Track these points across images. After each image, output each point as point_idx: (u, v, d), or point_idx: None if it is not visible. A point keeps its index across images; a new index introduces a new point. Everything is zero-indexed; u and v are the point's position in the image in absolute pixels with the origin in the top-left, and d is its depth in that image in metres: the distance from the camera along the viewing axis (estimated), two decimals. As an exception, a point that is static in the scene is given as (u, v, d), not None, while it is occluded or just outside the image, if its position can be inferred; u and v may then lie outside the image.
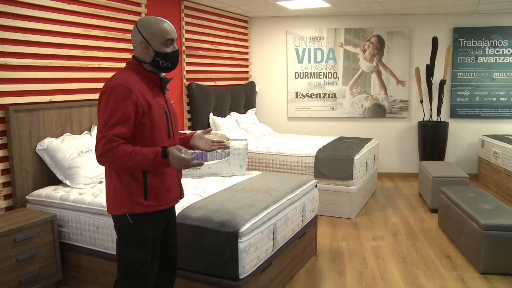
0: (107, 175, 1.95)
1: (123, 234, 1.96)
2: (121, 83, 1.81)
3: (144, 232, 1.93)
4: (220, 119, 5.33)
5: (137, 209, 1.90)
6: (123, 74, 1.87)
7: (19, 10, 3.03)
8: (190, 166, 1.84)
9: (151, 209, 1.92)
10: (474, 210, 3.36)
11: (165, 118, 1.96)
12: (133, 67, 1.92)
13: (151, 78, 1.93)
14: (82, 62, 3.57)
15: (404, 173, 6.38)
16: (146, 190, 1.90)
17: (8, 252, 2.58)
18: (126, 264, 1.96)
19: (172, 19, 4.77)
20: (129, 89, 1.80)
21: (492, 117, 6.06)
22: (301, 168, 4.58)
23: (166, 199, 1.99)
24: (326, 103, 6.39)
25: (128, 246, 1.94)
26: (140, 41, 1.89)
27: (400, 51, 6.14)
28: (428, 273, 3.20)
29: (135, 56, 1.94)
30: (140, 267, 1.94)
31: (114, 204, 1.92)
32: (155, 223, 1.98)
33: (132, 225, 1.91)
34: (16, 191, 3.04)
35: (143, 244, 1.93)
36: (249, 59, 6.52)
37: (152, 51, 1.89)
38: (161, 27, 1.89)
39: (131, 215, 1.90)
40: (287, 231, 2.91)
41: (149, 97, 1.88)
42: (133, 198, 1.88)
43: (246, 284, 2.44)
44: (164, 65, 1.92)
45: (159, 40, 1.88)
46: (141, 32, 1.89)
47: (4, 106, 2.95)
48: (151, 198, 1.91)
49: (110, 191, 1.94)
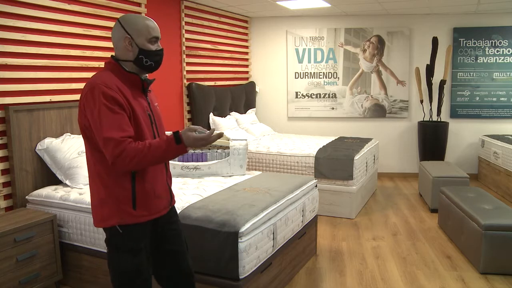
0: (91, 183, 1.82)
1: (112, 245, 1.83)
2: (102, 83, 1.69)
3: (135, 242, 1.82)
4: (220, 119, 5.33)
5: (126, 220, 1.78)
6: (102, 74, 1.76)
7: (19, 10, 3.03)
8: (212, 141, 1.71)
9: (142, 219, 1.80)
10: (474, 210, 3.36)
11: (149, 121, 1.84)
12: (112, 68, 1.80)
13: (131, 79, 1.80)
14: (82, 62, 3.57)
15: (404, 173, 6.38)
16: (135, 198, 1.78)
17: (8, 252, 2.58)
18: (120, 274, 1.84)
19: (172, 19, 4.77)
20: (111, 89, 1.69)
21: (492, 117, 6.06)
22: (301, 168, 4.58)
23: (156, 208, 1.86)
24: (326, 103, 6.39)
25: (120, 256, 1.82)
26: (124, 37, 1.78)
27: (400, 51, 6.14)
28: (428, 273, 3.20)
29: (113, 56, 1.83)
30: (136, 276, 1.83)
31: (101, 216, 1.80)
32: (146, 232, 1.86)
33: (123, 235, 1.80)
34: (16, 191, 3.04)
35: (135, 252, 1.82)
36: (249, 59, 6.52)
37: (136, 47, 1.78)
38: (147, 24, 1.80)
39: (120, 226, 1.78)
40: (287, 231, 2.91)
41: (131, 100, 1.76)
42: (121, 208, 1.76)
43: (246, 284, 2.44)
44: (148, 63, 1.81)
45: (145, 36, 1.78)
46: (125, 28, 1.78)
47: (4, 106, 2.95)
48: (140, 207, 1.79)
49: (95, 202, 1.81)
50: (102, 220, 1.81)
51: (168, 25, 4.69)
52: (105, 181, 1.77)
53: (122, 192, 1.76)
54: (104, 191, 1.77)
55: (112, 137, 1.64)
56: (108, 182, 1.76)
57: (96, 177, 1.79)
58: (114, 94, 1.69)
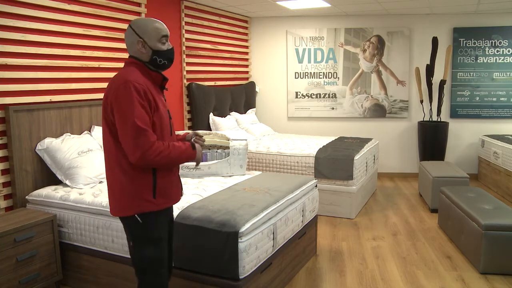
0: (109, 172, 1.91)
1: (135, 236, 1.93)
2: (134, 80, 1.81)
3: (156, 231, 1.93)
4: (220, 119, 5.33)
5: (147, 208, 1.87)
6: (132, 73, 1.86)
7: (19, 10, 3.03)
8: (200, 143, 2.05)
9: (162, 206, 1.92)
10: (474, 210, 3.36)
11: (167, 116, 1.99)
12: (138, 66, 1.92)
13: (153, 77, 1.95)
14: (82, 62, 3.57)
15: (404, 173, 6.38)
16: (156, 187, 1.89)
17: (8, 252, 2.58)
18: (144, 264, 1.93)
19: (172, 19, 4.77)
20: (143, 86, 1.82)
21: (492, 117, 6.06)
22: (301, 168, 4.58)
23: (174, 196, 2.01)
24: (326, 103, 6.39)
25: (143, 248, 1.92)
26: (137, 41, 1.90)
27: (400, 51, 6.14)
28: (428, 273, 3.20)
29: (133, 56, 1.94)
30: (159, 265, 1.94)
31: (121, 204, 1.88)
32: (164, 221, 1.98)
33: (143, 225, 1.89)
34: (16, 191, 3.04)
35: (157, 242, 1.93)
36: (249, 59, 6.52)
37: (149, 49, 1.91)
38: (156, 26, 1.93)
39: (140, 215, 1.88)
40: (287, 231, 2.91)
41: (156, 96, 1.90)
42: (142, 196, 1.86)
43: (246, 284, 2.44)
44: (161, 62, 1.94)
45: (155, 37, 1.91)
46: (137, 32, 1.91)
47: (4, 106, 2.95)
48: (159, 195, 1.91)
49: (115, 190, 1.90)
50: (122, 209, 1.90)
51: (168, 25, 4.62)
52: (128, 171, 1.86)
53: (143, 180, 1.87)
54: (125, 179, 1.86)
55: (146, 128, 1.78)
56: (131, 172, 1.86)
57: (117, 169, 1.87)
58: (146, 90, 1.83)
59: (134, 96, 1.78)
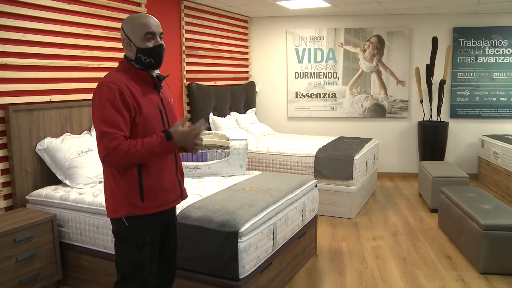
0: (105, 176, 1.92)
1: (120, 237, 1.92)
2: (110, 81, 1.78)
3: (141, 235, 1.89)
4: (220, 119, 5.33)
5: (134, 211, 1.85)
6: (112, 74, 1.84)
7: (19, 10, 3.03)
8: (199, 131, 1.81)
9: (149, 211, 1.88)
10: (474, 210, 3.36)
11: (159, 116, 1.90)
12: (124, 67, 1.88)
13: (142, 76, 1.87)
14: (82, 62, 3.57)
15: (404, 173, 6.38)
16: (142, 191, 1.85)
17: (8, 252, 2.58)
18: (124, 266, 1.92)
19: (172, 19, 4.77)
20: (118, 87, 1.76)
21: (492, 117, 6.06)
22: (301, 168, 4.58)
23: (164, 200, 1.93)
24: (326, 103, 6.39)
25: (126, 248, 1.91)
26: (123, 39, 1.87)
27: (400, 51, 6.14)
28: (428, 273, 3.20)
29: (125, 56, 1.91)
30: (139, 269, 1.91)
31: (112, 207, 1.89)
32: (153, 225, 1.94)
33: (128, 228, 1.88)
34: (16, 191, 3.04)
35: (140, 246, 1.89)
36: (249, 59, 6.52)
37: (134, 47, 1.85)
38: (142, 22, 1.84)
39: (127, 218, 1.86)
40: (287, 231, 2.91)
41: (139, 96, 1.82)
42: (129, 200, 1.84)
43: (246, 284, 2.44)
44: (147, 61, 1.85)
45: (139, 35, 1.83)
46: (124, 29, 1.87)
47: (4, 106, 2.95)
48: (148, 199, 1.86)
49: (108, 193, 1.91)
50: (112, 211, 1.90)
51: (168, 25, 4.69)
52: (116, 174, 1.85)
53: (130, 185, 1.84)
54: (115, 184, 1.86)
55: (108, 131, 1.72)
56: (118, 176, 1.84)
57: (107, 171, 1.88)
58: (120, 91, 1.76)
59: (106, 97, 1.74)
